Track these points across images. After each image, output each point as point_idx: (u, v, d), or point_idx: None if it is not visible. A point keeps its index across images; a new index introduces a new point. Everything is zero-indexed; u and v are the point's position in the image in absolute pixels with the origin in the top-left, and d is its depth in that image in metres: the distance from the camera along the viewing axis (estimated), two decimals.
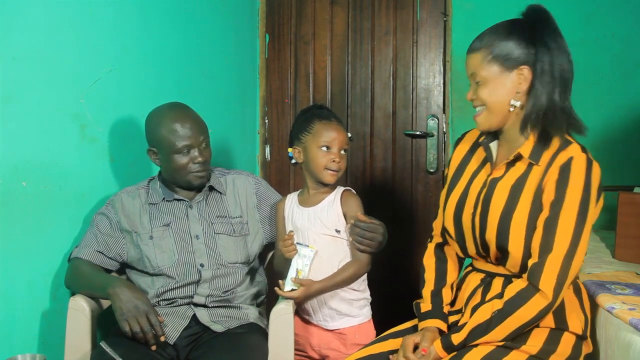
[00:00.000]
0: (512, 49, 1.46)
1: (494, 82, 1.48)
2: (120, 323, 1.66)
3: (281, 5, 3.11)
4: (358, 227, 1.83)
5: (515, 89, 1.47)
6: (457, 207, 1.59)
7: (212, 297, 1.86)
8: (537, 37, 1.45)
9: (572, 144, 1.45)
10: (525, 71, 1.46)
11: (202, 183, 1.92)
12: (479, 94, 1.50)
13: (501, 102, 1.49)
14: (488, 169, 1.57)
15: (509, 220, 1.46)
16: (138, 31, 2.15)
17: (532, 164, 1.47)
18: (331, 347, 1.94)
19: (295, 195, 2.01)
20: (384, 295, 1.90)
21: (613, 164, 2.70)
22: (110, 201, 1.93)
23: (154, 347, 1.68)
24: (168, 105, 1.90)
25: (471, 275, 1.61)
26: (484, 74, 1.49)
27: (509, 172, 1.51)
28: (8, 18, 1.62)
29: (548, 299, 1.39)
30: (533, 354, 1.43)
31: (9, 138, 1.64)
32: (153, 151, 1.89)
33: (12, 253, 1.66)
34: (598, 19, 2.71)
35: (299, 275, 1.81)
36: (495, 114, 1.50)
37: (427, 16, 2.95)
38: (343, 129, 1.93)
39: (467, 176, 1.62)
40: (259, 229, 2.01)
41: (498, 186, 1.51)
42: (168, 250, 1.87)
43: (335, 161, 1.88)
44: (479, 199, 1.54)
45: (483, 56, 1.48)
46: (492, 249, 1.51)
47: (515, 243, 1.45)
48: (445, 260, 1.70)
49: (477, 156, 1.63)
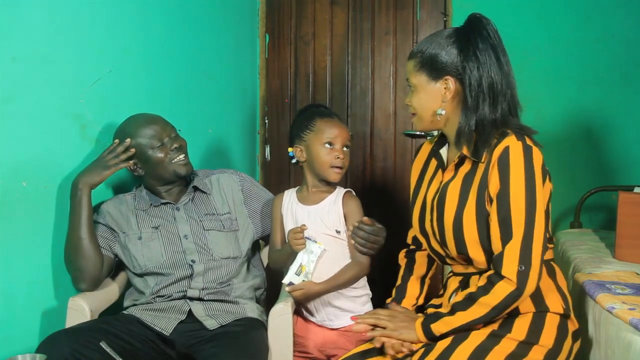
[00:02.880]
0: (439, 58, 1.50)
1: (422, 91, 1.54)
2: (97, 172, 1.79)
3: (281, 5, 3.11)
4: (362, 230, 1.83)
5: (440, 98, 1.52)
6: (420, 217, 1.64)
7: (208, 289, 1.86)
8: (468, 49, 1.47)
9: (508, 136, 1.45)
10: (450, 82, 1.50)
11: (188, 171, 1.94)
12: (411, 100, 1.57)
13: (427, 110, 1.55)
14: (440, 175, 1.61)
15: (461, 219, 1.49)
16: (138, 31, 2.15)
17: (477, 162, 1.49)
18: (338, 346, 1.93)
19: (294, 192, 2.01)
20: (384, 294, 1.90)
21: (613, 163, 2.70)
22: (96, 209, 1.93)
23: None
24: (128, 118, 1.94)
25: (451, 280, 1.64)
26: (414, 81, 1.54)
27: (458, 173, 1.54)
28: (8, 18, 1.62)
29: (513, 284, 1.41)
30: (522, 340, 1.45)
31: (9, 138, 1.64)
32: (133, 162, 1.90)
33: (12, 253, 1.66)
34: (598, 19, 2.71)
35: (302, 271, 1.81)
36: (423, 120, 1.57)
37: (427, 16, 2.95)
38: (344, 125, 1.95)
39: (425, 185, 1.66)
40: (248, 224, 2.02)
41: (449, 188, 1.54)
42: (156, 251, 1.88)
43: (339, 157, 1.89)
44: (433, 204, 1.58)
45: (414, 63, 1.54)
46: (452, 251, 1.54)
47: (471, 241, 1.49)
48: (414, 258, 1.80)
49: (432, 164, 1.67)
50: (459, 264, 1.59)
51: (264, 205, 2.07)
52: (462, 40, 1.48)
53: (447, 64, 1.49)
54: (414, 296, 1.73)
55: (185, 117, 2.34)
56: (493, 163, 1.45)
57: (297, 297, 1.85)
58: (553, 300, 1.51)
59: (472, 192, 1.49)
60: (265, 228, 2.06)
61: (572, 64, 2.74)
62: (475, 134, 1.49)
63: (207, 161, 2.54)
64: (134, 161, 1.89)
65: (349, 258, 1.91)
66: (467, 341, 1.44)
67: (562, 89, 2.74)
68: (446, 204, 1.53)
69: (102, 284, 1.89)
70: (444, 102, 1.51)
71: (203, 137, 2.57)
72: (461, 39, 1.49)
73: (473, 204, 1.48)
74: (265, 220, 2.06)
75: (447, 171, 1.57)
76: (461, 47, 1.48)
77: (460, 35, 1.50)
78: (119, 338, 1.68)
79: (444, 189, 1.55)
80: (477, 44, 1.46)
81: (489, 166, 1.46)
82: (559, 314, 1.50)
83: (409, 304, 1.73)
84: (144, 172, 1.92)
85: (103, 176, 1.81)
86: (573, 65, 2.73)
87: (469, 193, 1.50)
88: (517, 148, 1.43)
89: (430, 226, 1.59)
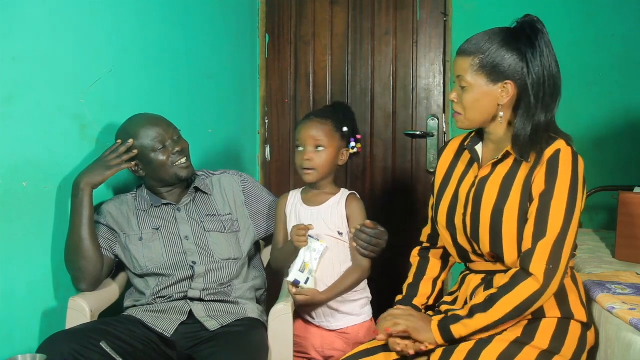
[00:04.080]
0: (502, 61, 1.47)
1: (477, 92, 1.50)
2: (100, 172, 1.79)
3: (281, 5, 3.11)
4: (365, 233, 1.83)
5: (497, 101, 1.50)
6: (449, 211, 1.62)
7: (208, 290, 1.86)
8: (531, 53, 1.46)
9: (557, 139, 1.48)
10: (509, 86, 1.48)
11: (189, 174, 1.94)
12: (463, 98, 1.53)
13: (480, 111, 1.52)
14: (475, 170, 1.60)
15: (500, 216, 1.48)
16: (138, 31, 2.15)
17: (520, 160, 1.49)
18: (335, 348, 1.93)
19: (298, 192, 2.01)
20: (384, 295, 1.90)
21: (613, 163, 2.70)
22: (97, 209, 1.93)
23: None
24: (131, 118, 1.93)
25: (470, 277, 1.61)
26: (471, 80, 1.51)
27: (496, 170, 1.54)
28: (8, 18, 1.62)
29: (539, 282, 1.41)
30: (544, 349, 1.44)
31: (9, 138, 1.64)
32: (134, 163, 1.90)
33: (12, 253, 1.66)
34: (598, 19, 2.71)
35: (306, 268, 1.82)
36: (472, 120, 1.54)
37: (427, 16, 2.95)
38: (318, 125, 1.90)
39: (455, 180, 1.64)
40: (249, 226, 2.02)
41: (488, 184, 1.53)
42: (157, 252, 1.88)
43: (305, 159, 1.88)
44: (468, 198, 1.57)
45: (472, 63, 1.50)
46: (484, 248, 1.53)
47: (508, 239, 1.48)
48: (428, 258, 1.76)
49: (463, 160, 1.66)
50: (485, 261, 1.57)
51: (265, 207, 2.07)
52: (524, 43, 1.47)
53: (509, 69, 1.47)
54: (425, 295, 1.71)
55: (185, 117, 2.34)
56: (542, 163, 1.46)
57: (299, 302, 1.85)
58: (577, 306, 1.51)
59: (514, 188, 1.49)
60: (266, 229, 2.06)
61: (572, 64, 2.74)
62: (529, 138, 1.49)
63: (207, 161, 2.53)
64: (136, 162, 1.89)
65: (350, 260, 1.91)
66: (489, 347, 1.43)
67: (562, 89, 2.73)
68: (484, 198, 1.52)
69: (103, 284, 1.89)
70: (500, 105, 1.50)
71: (203, 137, 2.57)
72: (522, 41, 1.47)
73: (516, 200, 1.48)
74: (267, 222, 2.06)
75: (484, 167, 1.56)
76: (522, 50, 1.47)
77: (519, 37, 1.48)
78: (119, 339, 1.68)
79: (482, 184, 1.54)
80: (542, 48, 1.46)
81: (537, 166, 1.46)
82: (581, 322, 1.50)
83: (419, 302, 1.70)
84: (145, 173, 1.92)
85: (105, 176, 1.81)
86: (573, 65, 2.73)
87: (510, 189, 1.49)
88: (567, 153, 1.45)
89: (462, 220, 1.57)
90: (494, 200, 1.50)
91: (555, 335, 1.46)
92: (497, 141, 1.56)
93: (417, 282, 1.73)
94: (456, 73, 1.54)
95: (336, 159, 1.92)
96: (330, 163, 1.91)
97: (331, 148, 1.90)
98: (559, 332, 1.47)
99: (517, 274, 1.44)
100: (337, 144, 1.92)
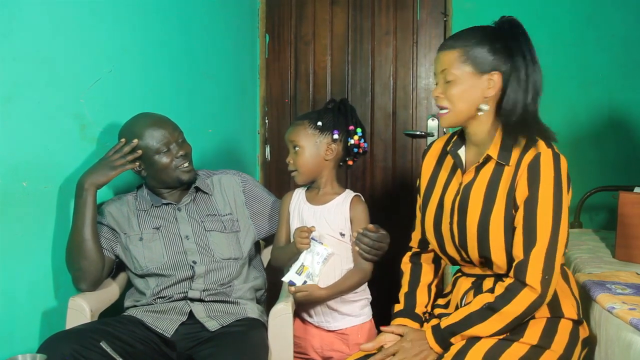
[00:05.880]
0: (487, 53, 1.48)
1: (464, 83, 1.49)
2: (103, 172, 1.79)
3: (281, 5, 3.11)
4: (367, 237, 1.82)
5: (483, 93, 1.49)
6: (435, 219, 1.62)
7: (208, 291, 1.86)
8: (516, 48, 1.47)
9: (537, 142, 1.47)
10: (496, 77, 1.48)
11: (191, 178, 1.94)
12: (448, 92, 1.51)
13: (467, 103, 1.50)
14: (459, 177, 1.59)
15: (487, 223, 1.48)
16: (138, 31, 2.15)
17: (502, 164, 1.49)
18: (334, 348, 1.94)
19: (303, 191, 2.01)
20: (384, 295, 1.90)
21: (613, 163, 2.70)
22: (98, 210, 1.92)
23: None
24: (136, 116, 1.92)
25: (461, 280, 1.62)
26: (457, 72, 1.49)
27: (480, 175, 1.53)
28: (8, 18, 1.62)
29: (537, 292, 1.41)
30: (534, 344, 1.44)
31: (9, 138, 1.64)
32: (138, 164, 1.90)
33: (12, 253, 1.66)
34: (598, 19, 2.71)
35: (304, 271, 1.81)
36: (458, 115, 1.52)
37: (427, 16, 2.95)
38: (293, 128, 1.92)
39: (440, 187, 1.63)
40: (249, 226, 2.02)
41: (472, 191, 1.52)
42: (157, 252, 1.88)
43: (288, 162, 1.92)
44: (454, 207, 1.56)
45: (458, 55, 1.50)
46: (473, 255, 1.53)
47: (496, 246, 1.47)
48: (420, 264, 1.75)
49: (445, 166, 1.65)
50: (474, 266, 1.57)
51: (265, 207, 2.06)
52: (508, 39, 1.48)
53: (494, 59, 1.47)
54: (423, 304, 1.69)
55: (185, 117, 2.33)
56: (522, 169, 1.45)
57: (299, 299, 1.84)
58: (568, 306, 1.51)
59: (499, 196, 1.48)
60: (266, 229, 2.06)
61: (572, 64, 2.74)
62: (502, 137, 1.49)
63: (207, 161, 2.53)
64: (139, 162, 1.89)
65: (352, 262, 1.90)
66: (478, 344, 1.44)
67: (562, 89, 2.73)
68: (469, 207, 1.51)
69: (103, 284, 1.88)
70: (485, 97, 1.49)
71: (203, 137, 2.57)
72: (505, 38, 1.48)
73: (501, 209, 1.47)
74: (267, 222, 2.06)
75: (467, 173, 1.55)
76: (506, 45, 1.47)
77: (501, 34, 1.50)
78: (119, 339, 1.68)
79: (466, 192, 1.53)
80: (525, 45, 1.47)
81: (518, 172, 1.46)
82: (572, 319, 1.50)
83: (419, 311, 1.68)
84: (147, 174, 1.91)
85: (109, 177, 1.81)
86: (573, 65, 2.74)
87: (495, 197, 1.48)
88: (547, 155, 1.44)
89: (449, 229, 1.57)
90: (480, 208, 1.50)
91: (544, 332, 1.47)
92: (479, 143, 1.55)
93: (413, 290, 1.70)
94: (440, 68, 1.53)
95: (317, 155, 1.89)
96: (311, 160, 1.89)
97: (307, 145, 1.89)
98: (548, 329, 1.47)
99: (513, 286, 1.44)
100: (313, 139, 1.89)
